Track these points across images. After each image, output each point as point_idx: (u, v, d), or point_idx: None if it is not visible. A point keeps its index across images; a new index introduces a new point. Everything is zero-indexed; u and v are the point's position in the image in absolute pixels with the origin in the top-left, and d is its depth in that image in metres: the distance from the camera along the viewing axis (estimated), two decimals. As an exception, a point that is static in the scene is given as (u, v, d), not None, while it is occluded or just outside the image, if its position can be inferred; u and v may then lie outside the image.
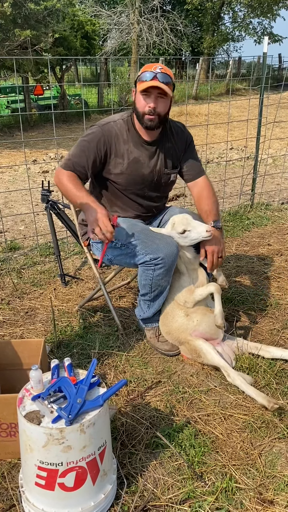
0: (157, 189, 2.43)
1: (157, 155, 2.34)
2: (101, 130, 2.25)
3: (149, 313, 2.38)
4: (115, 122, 2.29)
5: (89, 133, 2.28)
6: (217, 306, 2.22)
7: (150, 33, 19.29)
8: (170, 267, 2.21)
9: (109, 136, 2.25)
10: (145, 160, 2.31)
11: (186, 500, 1.58)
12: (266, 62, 4.41)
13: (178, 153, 2.40)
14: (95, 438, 1.44)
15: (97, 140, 2.24)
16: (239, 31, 23.54)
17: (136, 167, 2.30)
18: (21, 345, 2.00)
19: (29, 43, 8.54)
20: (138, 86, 2.16)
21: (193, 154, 2.47)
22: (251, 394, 2.01)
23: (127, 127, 2.29)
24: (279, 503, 1.57)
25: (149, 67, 2.14)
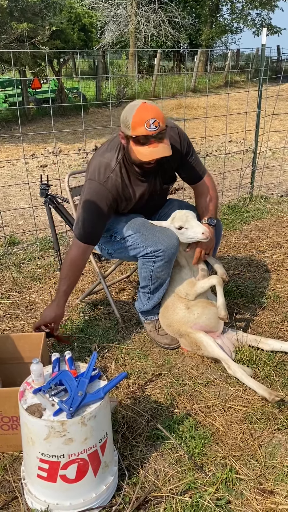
0: (158, 201, 2.43)
1: (154, 178, 2.27)
2: (105, 189, 2.14)
3: (149, 305, 2.39)
4: (114, 172, 2.15)
5: (92, 194, 2.15)
6: (220, 298, 2.23)
7: (148, 25, 19.18)
8: (170, 259, 2.21)
9: (115, 191, 2.17)
10: (146, 189, 2.26)
11: (187, 491, 1.59)
12: (265, 54, 4.38)
13: (173, 165, 2.31)
14: (96, 430, 1.45)
15: (105, 200, 2.15)
16: (238, 23, 23.40)
17: (141, 200, 2.28)
18: (21, 339, 2.01)
19: (26, 36, 8.49)
20: (135, 148, 2.00)
21: (191, 159, 2.34)
22: (252, 386, 2.02)
23: (126, 170, 2.17)
24: (279, 493, 1.59)
25: (141, 122, 1.94)
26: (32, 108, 11.55)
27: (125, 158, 2.16)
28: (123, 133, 2.05)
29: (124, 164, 2.16)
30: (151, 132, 1.95)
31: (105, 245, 2.39)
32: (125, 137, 2.05)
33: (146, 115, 1.94)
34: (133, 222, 2.26)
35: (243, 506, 1.55)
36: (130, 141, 2.02)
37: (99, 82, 14.00)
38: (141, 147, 1.99)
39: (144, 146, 1.99)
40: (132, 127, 1.96)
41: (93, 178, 2.16)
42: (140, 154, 2.00)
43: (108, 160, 2.16)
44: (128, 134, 2.00)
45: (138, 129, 1.95)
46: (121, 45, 21.20)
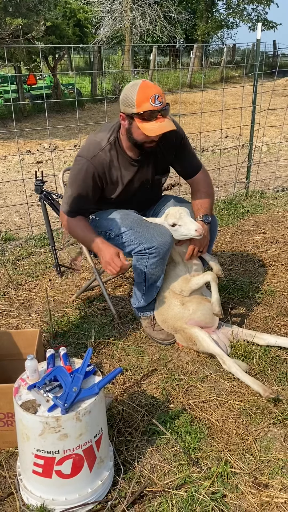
0: (149, 193, 2.42)
1: (146, 166, 2.27)
2: (91, 164, 2.14)
3: (144, 301, 2.39)
4: (103, 151, 2.15)
5: (79, 170, 2.16)
6: (214, 294, 2.23)
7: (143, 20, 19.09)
8: (164, 256, 2.21)
9: (101, 169, 2.16)
10: (137, 177, 2.26)
11: (182, 485, 1.60)
12: (260, 49, 4.37)
13: (167, 157, 2.31)
14: (91, 426, 1.45)
15: (91, 176, 2.15)
16: (233, 18, 23.32)
17: (130, 185, 2.27)
18: (17, 336, 2.01)
19: (20, 32, 8.43)
20: (141, 125, 1.99)
21: (186, 152, 2.35)
22: (247, 382, 2.03)
23: (116, 152, 2.17)
24: (274, 486, 1.60)
25: (145, 98, 1.95)
26: (28, 104, 11.49)
27: (117, 140, 2.17)
28: (124, 113, 2.06)
29: (115, 146, 2.17)
30: (156, 107, 1.97)
31: None
32: (128, 116, 2.05)
33: (149, 91, 1.96)
34: (127, 219, 2.25)
35: (238, 500, 1.56)
36: (135, 119, 2.01)
37: (95, 78, 13.94)
38: (147, 123, 1.99)
39: (151, 122, 1.99)
40: (137, 104, 1.97)
41: (81, 155, 2.18)
42: (147, 130, 2.00)
43: (99, 139, 2.18)
44: (133, 111, 2.00)
45: (144, 105, 1.96)
46: (117, 40, 21.10)
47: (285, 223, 3.99)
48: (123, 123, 2.10)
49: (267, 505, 1.53)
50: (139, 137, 2.06)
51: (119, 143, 2.17)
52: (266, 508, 1.52)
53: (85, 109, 11.81)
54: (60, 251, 3.55)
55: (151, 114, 1.97)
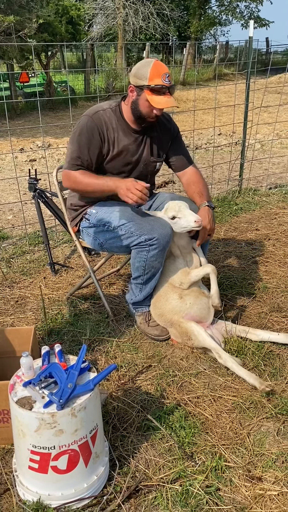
0: (144, 177, 2.44)
1: (144, 143, 2.37)
2: (91, 119, 2.26)
3: (141, 296, 2.40)
4: (104, 111, 2.29)
5: (80, 125, 2.27)
6: (213, 286, 2.26)
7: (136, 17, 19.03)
8: (164, 248, 2.23)
9: (100, 124, 2.27)
10: (133, 147, 2.34)
11: (177, 479, 1.62)
12: (253, 46, 4.39)
13: (164, 143, 2.43)
14: (87, 421, 1.46)
15: (92, 130, 2.25)
16: (226, 15, 23.32)
17: (125, 154, 2.33)
18: (11, 333, 2.02)
19: (13, 29, 8.40)
20: (150, 97, 2.14)
21: (180, 145, 2.51)
22: (243, 375, 2.05)
23: (116, 116, 2.30)
24: (267, 479, 1.62)
25: (158, 74, 2.12)
26: (20, 102, 11.45)
27: (119, 108, 2.31)
28: (134, 85, 2.20)
29: (116, 111, 2.31)
30: (167, 84, 2.15)
31: (97, 235, 2.40)
32: (138, 88, 2.18)
33: (162, 69, 2.15)
34: (127, 211, 2.27)
35: (232, 493, 1.58)
36: (145, 91, 2.16)
37: (88, 76, 13.91)
38: (156, 96, 2.15)
39: (160, 96, 2.15)
40: (150, 78, 2.13)
41: (84, 115, 2.30)
42: (155, 102, 2.15)
43: (101, 104, 2.34)
44: (145, 83, 2.14)
45: (156, 80, 2.13)
46: (110, 38, 21.03)
47: (278, 220, 4.02)
48: (131, 95, 2.24)
49: (261, 498, 1.55)
50: (145, 109, 2.21)
51: (120, 111, 2.31)
52: (260, 500, 1.54)
53: (78, 106, 11.78)
54: (54, 249, 3.55)
55: (160, 89, 2.14)
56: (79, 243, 2.58)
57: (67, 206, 2.54)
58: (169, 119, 2.47)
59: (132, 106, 2.25)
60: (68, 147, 2.32)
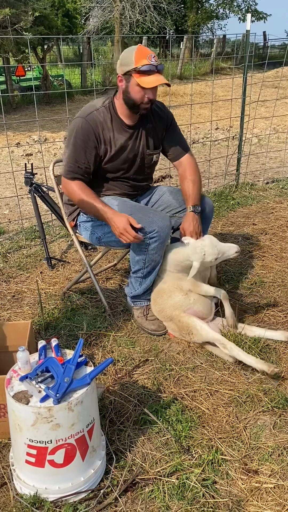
0: (141, 170, 2.43)
1: (139, 137, 2.35)
2: (86, 121, 2.22)
3: (140, 290, 2.40)
4: (98, 111, 2.25)
5: (75, 128, 2.23)
6: (227, 308, 2.28)
7: (133, 11, 18.90)
8: (164, 240, 2.23)
9: (95, 126, 2.23)
10: (129, 144, 2.32)
11: (174, 472, 1.63)
12: (250, 40, 4.37)
13: (159, 133, 2.41)
14: (83, 415, 1.46)
15: (88, 132, 2.22)
16: (223, 9, 23.21)
17: (122, 152, 2.31)
18: (8, 328, 2.02)
19: (8, 22, 8.33)
20: (139, 79, 2.11)
21: (176, 132, 2.46)
22: (250, 362, 2.07)
23: (110, 114, 2.27)
24: (264, 472, 1.63)
25: (143, 56, 2.09)
26: (17, 96, 11.38)
27: (112, 105, 2.28)
28: (121, 74, 2.17)
29: (109, 109, 2.27)
30: (154, 63, 2.11)
31: (95, 229, 2.39)
32: (126, 74, 2.15)
33: (146, 51, 2.12)
34: (125, 205, 2.27)
35: (228, 486, 1.58)
36: (133, 75, 2.12)
37: (84, 69, 13.83)
38: (145, 76, 2.11)
39: (149, 76, 2.11)
40: (136, 60, 2.10)
41: (76, 116, 2.27)
42: (144, 82, 2.12)
43: (94, 103, 2.30)
44: (131, 67, 2.11)
45: (142, 61, 2.10)
46: (106, 31, 20.89)
47: (275, 214, 4.02)
48: (121, 85, 2.20)
49: (257, 491, 1.56)
50: (137, 95, 2.17)
51: (114, 108, 2.28)
52: (256, 493, 1.55)
53: (74, 100, 11.71)
54: (51, 244, 3.54)
55: (149, 69, 2.10)
56: (76, 237, 2.57)
57: (64, 201, 2.53)
58: (161, 107, 2.43)
59: (124, 96, 2.21)
60: (64, 150, 2.30)
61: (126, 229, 2.12)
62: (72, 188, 2.26)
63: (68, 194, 2.32)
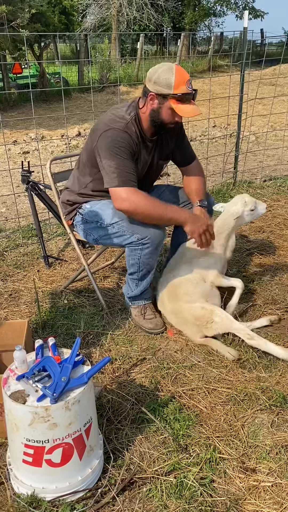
0: (151, 179, 2.46)
1: (154, 148, 2.33)
2: (126, 133, 2.14)
3: (137, 291, 2.39)
4: (130, 123, 2.18)
5: (116, 138, 2.13)
6: (235, 298, 2.40)
7: (130, 8, 18.84)
8: (157, 247, 2.22)
9: (134, 138, 2.18)
10: (149, 157, 2.32)
11: (172, 471, 1.62)
12: (247, 37, 4.36)
13: (170, 143, 2.40)
14: (81, 415, 1.46)
15: (129, 143, 2.15)
16: (221, 6, 23.15)
17: (142, 166, 2.31)
18: (5, 327, 2.01)
19: (5, 19, 8.29)
20: (175, 106, 2.07)
21: (184, 140, 2.46)
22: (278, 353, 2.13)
23: (137, 128, 2.21)
24: (261, 470, 1.63)
25: (182, 82, 2.05)
26: (13, 94, 11.33)
27: (137, 117, 2.21)
28: (156, 93, 2.10)
29: (135, 122, 2.21)
30: (190, 91, 2.09)
31: (91, 231, 2.38)
32: (161, 96, 2.10)
33: (185, 76, 2.08)
34: None
35: (226, 484, 1.58)
36: (170, 100, 2.09)
37: (81, 67, 13.77)
38: (182, 104, 2.09)
39: (185, 104, 2.10)
40: (175, 86, 2.06)
41: (112, 127, 2.15)
42: (182, 111, 2.10)
43: (122, 113, 2.21)
44: (170, 92, 2.07)
45: (181, 88, 2.06)
46: (104, 28, 20.82)
47: (272, 212, 4.01)
48: (151, 103, 2.14)
49: (255, 489, 1.56)
50: (167, 117, 2.14)
51: (139, 120, 2.22)
52: (254, 491, 1.55)
53: (72, 98, 11.68)
54: (48, 242, 3.53)
55: (186, 97, 2.08)
56: (73, 236, 2.56)
57: (62, 200, 2.51)
58: None
59: (152, 114, 2.15)
60: (104, 164, 2.15)
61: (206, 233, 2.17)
62: (136, 198, 2.10)
63: (132, 207, 2.11)
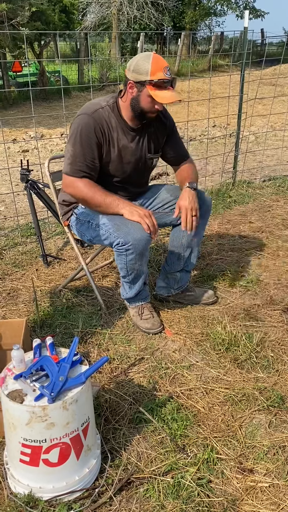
0: (141, 174, 2.43)
1: (141, 140, 2.32)
2: (92, 118, 2.17)
3: (131, 293, 2.39)
4: (102, 109, 2.20)
5: (80, 125, 2.17)
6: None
7: (130, 7, 18.82)
8: (142, 252, 2.17)
9: (101, 124, 2.19)
10: (132, 146, 2.29)
11: (169, 471, 1.62)
12: (247, 37, 4.35)
13: (159, 138, 2.39)
14: (78, 414, 1.45)
15: (93, 130, 2.16)
16: (221, 5, 23.15)
17: (125, 154, 2.28)
18: (3, 326, 2.00)
19: (5, 17, 8.27)
20: (153, 92, 2.07)
21: (176, 139, 2.46)
22: None
23: (114, 114, 2.23)
24: (259, 471, 1.62)
25: (159, 68, 2.05)
26: (13, 92, 11.32)
27: (116, 105, 2.23)
28: (133, 81, 2.12)
29: (114, 110, 2.23)
30: (168, 78, 2.09)
31: (84, 232, 2.37)
32: (138, 83, 2.11)
33: (162, 63, 2.09)
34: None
35: (223, 485, 1.58)
36: (147, 86, 2.09)
37: (81, 66, 13.76)
38: (160, 91, 2.09)
39: (163, 90, 2.10)
40: (152, 72, 2.07)
41: (81, 113, 2.21)
42: (159, 97, 2.09)
43: (98, 101, 2.25)
44: (146, 79, 2.08)
45: (158, 74, 2.07)
46: (104, 27, 20.78)
47: (271, 212, 4.01)
48: (131, 91, 2.15)
49: (252, 490, 1.56)
50: (146, 105, 2.14)
51: (118, 108, 2.23)
52: (251, 492, 1.55)
53: (71, 97, 11.66)
54: (47, 241, 3.52)
55: (163, 83, 2.08)
56: (71, 235, 2.56)
57: (59, 201, 2.50)
58: (164, 113, 2.40)
59: (132, 103, 2.17)
60: (67, 148, 2.21)
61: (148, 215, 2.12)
62: (80, 186, 2.17)
63: (74, 193, 2.21)
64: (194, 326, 2.44)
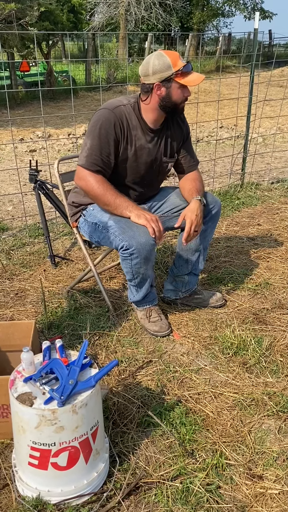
0: (155, 177, 2.42)
1: (158, 142, 2.31)
2: (113, 113, 2.16)
3: (138, 297, 2.37)
4: (124, 106, 2.21)
5: (101, 119, 2.16)
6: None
7: (138, 7, 18.82)
8: (146, 257, 2.15)
9: (122, 120, 2.18)
10: (149, 147, 2.29)
11: (178, 476, 1.61)
12: (257, 38, 4.33)
13: (176, 142, 2.38)
14: (88, 418, 1.45)
15: (113, 124, 2.16)
16: (229, 6, 23.10)
17: (141, 154, 2.27)
18: (11, 327, 2.00)
19: (14, 17, 8.29)
20: (183, 80, 2.11)
21: (189, 147, 2.45)
22: None
23: (135, 113, 2.23)
24: (268, 477, 1.61)
25: (176, 58, 2.11)
26: (21, 92, 11.35)
27: (137, 105, 2.24)
28: (159, 82, 2.13)
29: (134, 109, 2.24)
30: (187, 63, 2.16)
31: (92, 234, 2.36)
32: (165, 80, 2.13)
33: (175, 53, 2.15)
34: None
35: (232, 491, 1.57)
36: (175, 79, 2.12)
37: (89, 66, 13.78)
38: (187, 76, 2.14)
39: (189, 75, 2.15)
40: (173, 64, 2.11)
41: (102, 108, 2.22)
42: (190, 81, 2.14)
43: (120, 99, 2.27)
44: (172, 72, 2.11)
45: (179, 63, 2.12)
46: (111, 27, 20.80)
47: (280, 215, 3.99)
48: (159, 93, 2.16)
49: (262, 496, 1.54)
50: (178, 96, 2.16)
51: (139, 109, 2.24)
52: (261, 499, 1.54)
53: (78, 97, 11.67)
54: (55, 242, 3.52)
55: (187, 68, 2.13)
56: (79, 236, 2.55)
57: (68, 202, 2.50)
58: (183, 119, 2.41)
59: (163, 103, 2.16)
60: (85, 141, 2.20)
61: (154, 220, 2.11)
62: (92, 181, 2.16)
63: (86, 187, 2.18)
64: (202, 329, 2.43)
